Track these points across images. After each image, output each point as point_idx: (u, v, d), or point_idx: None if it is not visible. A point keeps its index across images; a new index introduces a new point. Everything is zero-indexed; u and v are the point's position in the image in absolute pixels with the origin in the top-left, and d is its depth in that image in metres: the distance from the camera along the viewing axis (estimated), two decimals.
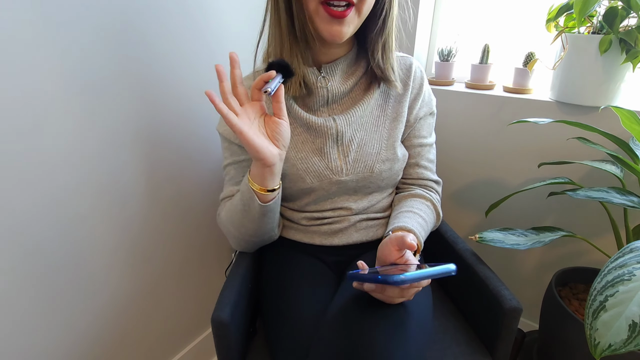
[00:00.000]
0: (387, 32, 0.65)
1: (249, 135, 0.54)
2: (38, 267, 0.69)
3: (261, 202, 0.62)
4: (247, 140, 0.54)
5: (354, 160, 0.69)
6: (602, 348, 0.48)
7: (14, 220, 0.64)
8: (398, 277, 0.45)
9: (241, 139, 0.54)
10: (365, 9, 0.59)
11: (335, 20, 0.58)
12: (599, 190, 0.74)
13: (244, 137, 0.54)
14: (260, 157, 0.56)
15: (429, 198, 0.74)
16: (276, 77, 0.56)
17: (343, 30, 0.59)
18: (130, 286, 0.87)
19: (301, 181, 0.69)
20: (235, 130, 0.53)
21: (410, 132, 0.74)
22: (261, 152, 0.56)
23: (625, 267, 0.54)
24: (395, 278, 0.45)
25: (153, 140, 0.83)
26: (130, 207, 0.82)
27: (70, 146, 0.69)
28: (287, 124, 0.59)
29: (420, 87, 0.74)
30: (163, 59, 0.80)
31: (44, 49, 0.62)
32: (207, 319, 1.13)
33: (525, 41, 1.05)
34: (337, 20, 0.58)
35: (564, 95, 0.93)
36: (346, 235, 0.73)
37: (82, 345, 0.80)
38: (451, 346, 0.69)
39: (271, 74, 0.55)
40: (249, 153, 0.58)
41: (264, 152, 0.56)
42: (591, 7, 0.75)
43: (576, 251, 1.03)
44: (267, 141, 0.57)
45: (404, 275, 0.45)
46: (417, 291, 0.55)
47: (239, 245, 0.74)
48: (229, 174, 0.73)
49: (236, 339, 0.62)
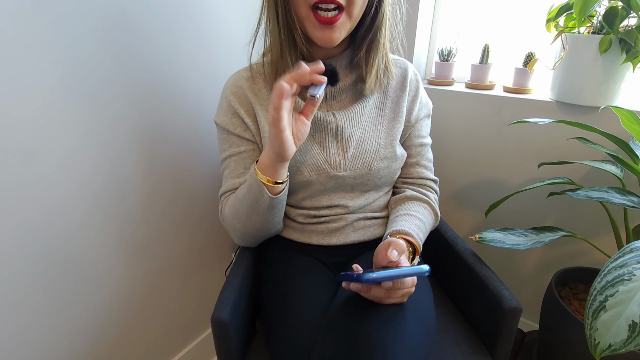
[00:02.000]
0: (374, 33, 0.64)
1: (286, 131, 0.54)
2: (38, 267, 0.69)
3: (271, 194, 0.61)
4: (284, 136, 0.54)
5: (353, 156, 0.69)
6: (602, 348, 0.48)
7: (14, 221, 0.64)
8: (368, 275, 0.48)
9: (278, 135, 0.54)
10: (356, 12, 0.59)
11: (325, 27, 0.58)
12: (599, 190, 0.74)
13: (282, 133, 0.54)
14: (284, 152, 0.56)
15: (426, 199, 0.74)
16: (324, 83, 0.56)
17: (334, 36, 0.59)
18: (130, 286, 0.87)
19: (299, 173, 0.68)
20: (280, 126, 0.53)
21: (411, 132, 0.75)
22: (289, 148, 0.56)
23: (625, 267, 0.54)
24: (366, 276, 0.48)
25: (152, 140, 0.83)
26: (130, 207, 0.82)
27: (69, 147, 0.69)
28: (309, 124, 0.60)
29: (417, 90, 0.75)
30: (162, 56, 0.80)
31: (42, 48, 0.62)
32: (207, 319, 1.13)
33: (525, 41, 1.05)
34: (327, 26, 0.58)
35: (563, 95, 0.93)
36: (344, 234, 0.73)
37: (82, 345, 0.80)
38: (451, 346, 0.69)
39: (323, 79, 0.54)
40: (273, 146, 0.56)
41: (290, 149, 0.56)
42: (591, 7, 0.75)
43: (576, 251, 1.03)
44: (292, 138, 0.57)
45: (375, 273, 0.48)
46: (408, 294, 0.55)
47: (243, 240, 0.73)
48: (228, 167, 0.72)
49: (236, 339, 0.62)
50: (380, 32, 0.64)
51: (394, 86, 0.73)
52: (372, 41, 0.65)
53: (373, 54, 0.66)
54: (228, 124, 0.70)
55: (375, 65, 0.67)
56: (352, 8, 0.58)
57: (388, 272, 0.49)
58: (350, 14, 0.58)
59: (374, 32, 0.64)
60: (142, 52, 0.76)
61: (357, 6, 0.58)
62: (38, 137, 0.64)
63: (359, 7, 0.58)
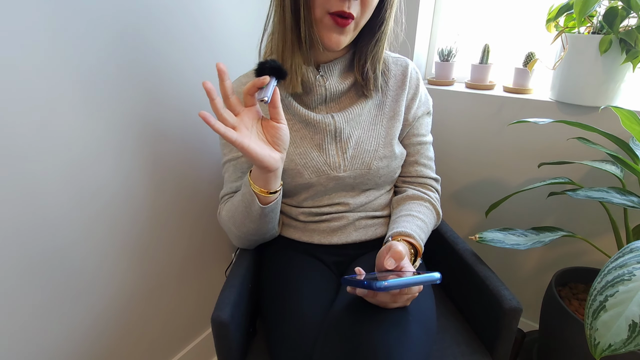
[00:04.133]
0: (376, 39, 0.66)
1: (250, 147, 0.54)
2: (38, 268, 0.69)
3: (262, 204, 0.62)
4: (249, 152, 0.54)
5: (352, 157, 0.70)
6: (602, 348, 0.48)
7: (15, 221, 0.64)
8: (381, 284, 0.47)
9: (243, 152, 0.54)
10: (362, 24, 0.62)
11: (337, 29, 0.60)
12: (599, 190, 0.74)
13: (245, 150, 0.53)
14: (263, 165, 0.56)
15: (427, 199, 0.74)
16: (270, 82, 0.54)
17: (342, 39, 0.61)
18: (130, 286, 0.87)
19: (299, 176, 0.69)
20: (237, 145, 0.52)
21: (409, 131, 0.75)
22: (264, 160, 0.55)
23: (625, 267, 0.54)
24: (378, 284, 0.47)
25: (153, 141, 0.83)
26: (130, 207, 0.82)
27: (70, 149, 0.69)
28: (286, 126, 0.58)
29: (416, 88, 0.75)
30: (165, 58, 0.80)
31: (45, 50, 0.62)
32: (207, 319, 1.13)
33: (525, 41, 1.05)
34: (339, 29, 0.60)
35: (564, 95, 0.93)
36: (345, 233, 0.73)
37: (82, 345, 0.80)
38: (451, 346, 0.69)
39: (264, 79, 0.53)
40: (251, 162, 0.58)
41: (267, 160, 0.56)
42: (591, 7, 0.75)
43: (576, 251, 1.03)
44: (268, 148, 0.57)
45: (387, 281, 0.47)
46: (412, 297, 0.55)
47: (240, 243, 0.74)
48: (227, 171, 0.74)
49: (236, 339, 0.62)
50: (382, 39, 0.66)
51: (393, 84, 0.74)
52: (373, 46, 0.66)
53: (373, 58, 0.68)
54: None
55: (374, 67, 0.69)
56: (360, 20, 0.61)
57: (400, 281, 0.48)
58: (358, 24, 0.62)
59: (376, 38, 0.66)
60: (145, 54, 0.76)
61: (364, 18, 0.61)
62: (40, 138, 0.64)
63: (366, 19, 0.62)
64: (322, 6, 0.58)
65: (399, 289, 0.49)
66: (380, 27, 0.65)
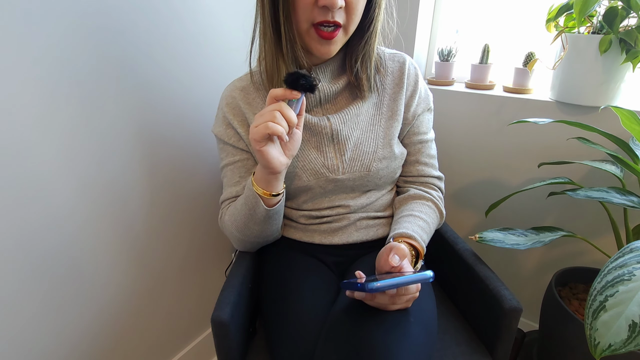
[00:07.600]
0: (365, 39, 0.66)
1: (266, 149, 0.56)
2: (39, 268, 0.69)
3: (266, 206, 0.63)
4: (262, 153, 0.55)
5: (351, 159, 0.69)
6: (602, 348, 0.48)
7: (16, 222, 0.64)
8: (372, 285, 0.47)
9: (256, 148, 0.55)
10: (351, 29, 0.62)
11: (324, 41, 0.60)
12: (599, 190, 0.74)
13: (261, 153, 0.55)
14: (270, 166, 0.57)
15: (429, 198, 0.74)
16: (301, 97, 0.56)
17: (331, 49, 0.62)
18: (130, 286, 0.87)
19: (297, 179, 0.69)
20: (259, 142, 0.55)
21: (409, 130, 0.74)
22: (272, 162, 0.57)
23: (625, 267, 0.54)
24: (370, 285, 0.47)
25: (152, 142, 0.83)
26: (131, 207, 0.82)
27: (69, 149, 0.69)
28: (301, 134, 0.61)
29: (415, 84, 0.73)
30: (161, 61, 0.80)
31: (42, 51, 0.62)
32: (207, 319, 1.13)
33: (525, 41, 1.05)
34: (326, 41, 0.60)
35: (563, 95, 0.93)
36: (346, 234, 0.73)
37: (82, 345, 0.80)
38: (451, 346, 0.69)
39: (296, 95, 0.55)
40: (259, 161, 0.59)
41: (274, 163, 0.57)
42: (591, 7, 0.75)
43: (576, 251, 1.03)
44: (279, 152, 0.58)
45: (379, 282, 0.47)
46: (412, 299, 0.55)
47: (242, 246, 0.74)
48: (226, 176, 0.74)
49: (236, 339, 0.62)
50: (371, 39, 0.66)
51: (390, 82, 0.72)
52: (362, 46, 0.66)
53: (363, 58, 0.67)
54: (223, 134, 0.72)
55: (365, 67, 0.68)
56: (349, 26, 0.61)
57: (391, 281, 0.48)
58: (347, 30, 0.61)
59: (365, 39, 0.65)
60: (141, 56, 0.76)
61: (353, 24, 0.61)
62: (39, 139, 0.64)
63: (354, 24, 0.61)
64: (305, 18, 0.58)
65: (390, 289, 0.49)
66: (369, 28, 0.64)
